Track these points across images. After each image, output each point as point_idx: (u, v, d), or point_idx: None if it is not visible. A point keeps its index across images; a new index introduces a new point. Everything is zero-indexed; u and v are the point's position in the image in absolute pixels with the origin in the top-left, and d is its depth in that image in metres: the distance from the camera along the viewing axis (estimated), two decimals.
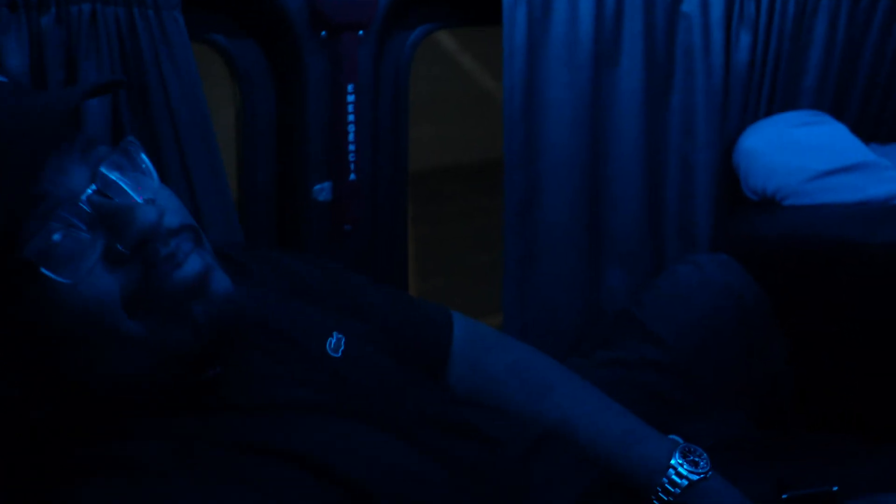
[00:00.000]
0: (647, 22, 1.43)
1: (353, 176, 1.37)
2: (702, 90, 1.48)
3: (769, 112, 1.52)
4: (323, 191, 1.36)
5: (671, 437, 0.96)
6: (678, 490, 0.90)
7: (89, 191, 0.67)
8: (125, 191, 0.69)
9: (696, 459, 0.92)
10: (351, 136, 1.36)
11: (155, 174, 0.71)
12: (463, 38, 1.93)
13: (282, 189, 1.38)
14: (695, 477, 0.90)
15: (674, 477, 0.90)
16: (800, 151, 1.44)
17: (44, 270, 0.65)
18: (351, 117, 1.36)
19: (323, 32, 1.33)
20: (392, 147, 1.44)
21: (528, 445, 0.91)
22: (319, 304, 0.91)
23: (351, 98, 1.35)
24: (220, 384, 0.76)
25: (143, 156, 0.71)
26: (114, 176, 0.68)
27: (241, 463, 0.69)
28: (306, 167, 1.35)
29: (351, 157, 1.36)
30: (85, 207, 0.66)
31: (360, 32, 1.34)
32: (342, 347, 0.84)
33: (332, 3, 1.30)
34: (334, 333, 0.85)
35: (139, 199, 0.69)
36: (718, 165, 1.52)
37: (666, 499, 0.91)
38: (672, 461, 0.91)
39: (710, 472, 0.91)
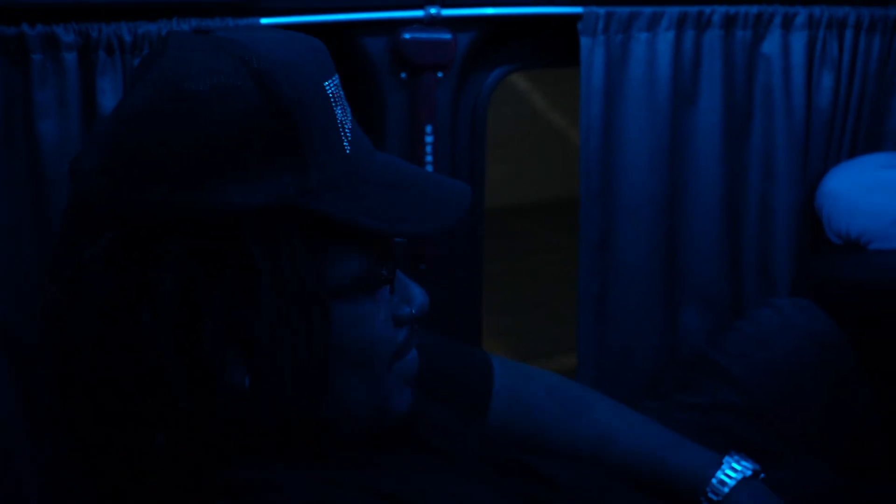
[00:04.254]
0: (725, 63, 1.43)
1: None
2: (782, 131, 1.46)
3: (853, 154, 1.50)
4: None
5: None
6: (726, 489, 0.90)
7: None
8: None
9: (745, 463, 0.92)
10: None
11: None
12: (534, 78, 1.93)
13: None
14: (748, 472, 0.91)
15: (724, 476, 0.91)
16: (885, 194, 1.41)
17: (368, 299, 0.72)
18: (429, 157, 1.38)
19: (403, 74, 1.36)
20: (469, 186, 1.42)
21: (596, 492, 0.91)
22: None
23: (429, 139, 1.37)
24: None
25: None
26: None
27: None
28: None
29: None
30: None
31: (440, 74, 1.36)
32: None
33: (413, 45, 1.33)
34: None
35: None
36: (800, 207, 1.50)
37: (715, 498, 0.91)
38: (724, 459, 0.92)
39: (761, 474, 0.92)
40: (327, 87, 0.70)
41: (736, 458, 0.93)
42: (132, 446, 0.68)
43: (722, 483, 0.91)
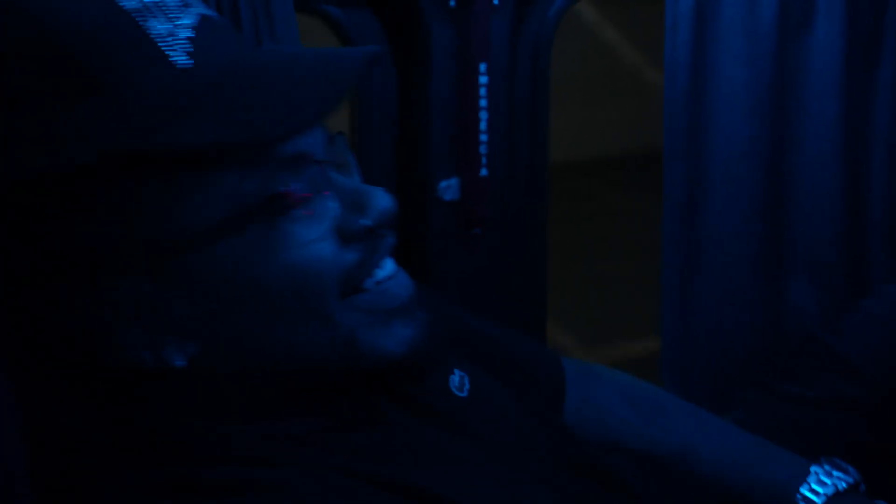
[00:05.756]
0: None
1: (484, 171, 1.32)
2: None
3: None
4: (449, 188, 1.32)
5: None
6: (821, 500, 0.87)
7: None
8: (353, 175, 0.69)
9: (839, 473, 0.88)
10: (483, 125, 1.30)
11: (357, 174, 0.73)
12: (604, 6, 1.85)
13: (401, 186, 1.33)
14: (842, 484, 0.86)
15: (809, 491, 0.87)
16: None
17: (280, 221, 0.63)
18: (483, 102, 1.30)
19: (451, 1, 1.27)
20: (530, 137, 1.36)
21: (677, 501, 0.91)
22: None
23: (483, 79, 1.30)
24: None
25: (350, 154, 0.71)
26: (346, 156, 0.69)
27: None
28: (430, 161, 1.31)
29: (482, 149, 1.31)
30: (323, 177, 0.65)
31: (496, 1, 1.27)
32: (467, 386, 0.81)
33: None
34: (456, 371, 0.82)
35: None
36: None
37: None
38: (811, 468, 0.88)
39: (861, 485, 0.87)
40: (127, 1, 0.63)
41: (827, 466, 0.89)
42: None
43: (807, 500, 0.87)
